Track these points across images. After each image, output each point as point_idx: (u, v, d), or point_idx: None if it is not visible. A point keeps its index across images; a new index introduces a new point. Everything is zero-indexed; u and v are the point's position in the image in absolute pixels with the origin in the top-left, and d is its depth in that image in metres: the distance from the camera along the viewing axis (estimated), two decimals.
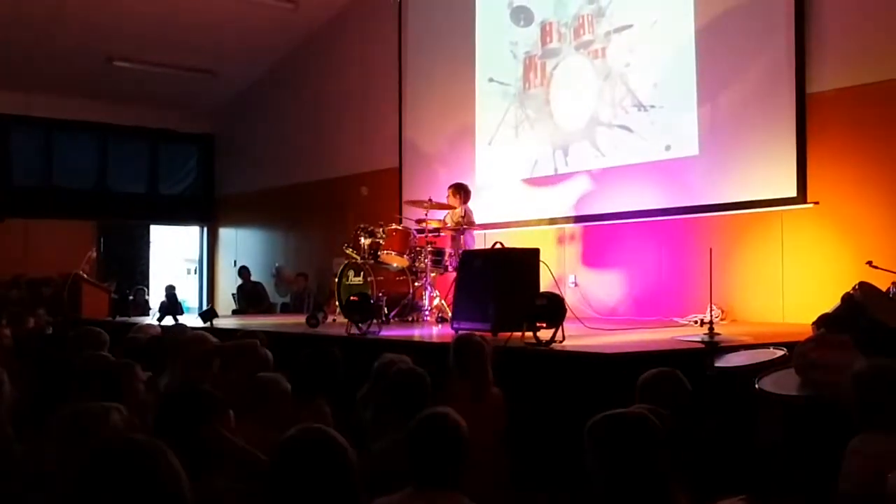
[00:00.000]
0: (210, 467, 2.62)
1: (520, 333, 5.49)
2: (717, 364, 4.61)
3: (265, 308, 12.93)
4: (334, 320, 8.51)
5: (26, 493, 2.54)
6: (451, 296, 7.36)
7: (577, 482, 2.78)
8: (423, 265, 8.39)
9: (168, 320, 8.59)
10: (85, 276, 11.63)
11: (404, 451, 2.71)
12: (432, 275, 8.45)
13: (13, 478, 2.62)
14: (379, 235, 8.59)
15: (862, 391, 3.11)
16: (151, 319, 9.25)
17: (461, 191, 8.92)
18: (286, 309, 12.82)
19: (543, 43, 9.73)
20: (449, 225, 8.83)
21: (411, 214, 9.11)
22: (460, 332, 5.60)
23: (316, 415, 3.78)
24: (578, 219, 9.22)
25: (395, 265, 8.58)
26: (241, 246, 15.29)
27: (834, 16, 7.31)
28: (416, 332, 7.30)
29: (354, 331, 6.67)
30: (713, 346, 5.00)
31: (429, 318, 8.30)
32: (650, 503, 2.29)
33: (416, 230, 8.67)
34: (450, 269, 8.27)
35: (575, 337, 5.68)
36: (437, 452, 2.65)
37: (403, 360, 4.34)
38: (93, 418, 2.67)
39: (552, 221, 9.44)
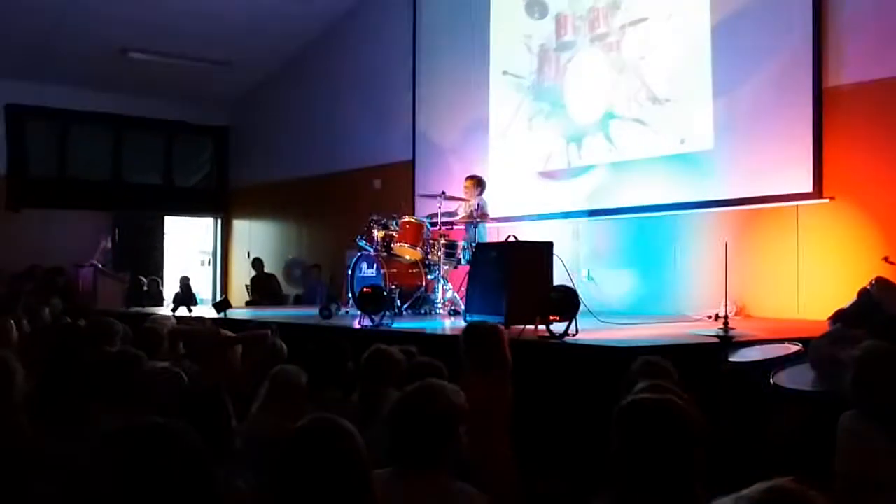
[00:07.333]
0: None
1: (533, 326, 5.47)
2: (731, 359, 4.58)
3: (278, 300, 12.96)
4: (347, 312, 8.52)
5: (37, 480, 2.55)
6: (463, 288, 7.36)
7: (590, 475, 2.76)
8: (436, 258, 8.37)
9: (182, 311, 8.63)
10: (99, 266, 11.70)
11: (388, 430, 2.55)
12: (445, 267, 8.44)
13: (26, 466, 2.63)
14: (392, 227, 8.58)
15: (858, 371, 3.12)
16: (165, 310, 9.28)
17: (479, 183, 8.90)
18: (299, 301, 12.84)
19: (558, 36, 9.68)
20: (462, 216, 8.81)
21: (423, 207, 9.09)
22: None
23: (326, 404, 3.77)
24: (592, 212, 9.19)
25: (407, 257, 8.57)
26: (255, 238, 15.33)
27: (852, 9, 7.24)
28: (428, 325, 7.29)
29: (367, 322, 6.67)
30: (728, 341, 4.97)
31: (441, 310, 8.31)
32: (672, 494, 2.22)
33: (430, 222, 8.64)
34: (462, 262, 8.26)
35: (588, 330, 5.66)
36: (417, 431, 2.49)
37: (392, 351, 4.19)
38: None
39: (565, 215, 9.41)
